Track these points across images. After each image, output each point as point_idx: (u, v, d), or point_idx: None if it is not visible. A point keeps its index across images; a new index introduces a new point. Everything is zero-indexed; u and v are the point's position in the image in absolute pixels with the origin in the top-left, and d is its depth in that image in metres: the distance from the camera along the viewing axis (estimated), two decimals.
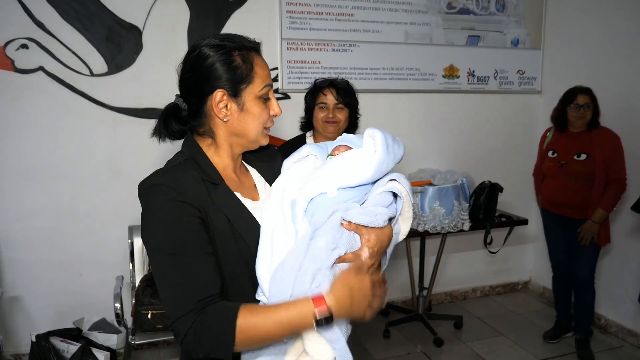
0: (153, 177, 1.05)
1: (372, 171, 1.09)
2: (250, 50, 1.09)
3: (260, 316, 0.95)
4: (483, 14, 3.55)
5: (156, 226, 1.00)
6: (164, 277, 0.99)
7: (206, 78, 1.06)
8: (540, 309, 3.79)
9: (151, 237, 1.01)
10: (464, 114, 3.66)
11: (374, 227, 1.08)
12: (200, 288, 0.97)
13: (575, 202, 2.97)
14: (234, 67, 1.06)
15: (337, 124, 2.23)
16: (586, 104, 2.89)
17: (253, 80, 1.07)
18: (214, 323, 0.95)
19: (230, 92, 1.06)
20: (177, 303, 0.96)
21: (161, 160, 3.24)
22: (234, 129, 1.10)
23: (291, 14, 3.10)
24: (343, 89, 2.27)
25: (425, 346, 3.22)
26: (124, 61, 2.89)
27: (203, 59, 1.06)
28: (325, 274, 1.01)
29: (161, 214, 1.00)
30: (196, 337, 0.94)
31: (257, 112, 1.09)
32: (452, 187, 3.05)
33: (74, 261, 2.96)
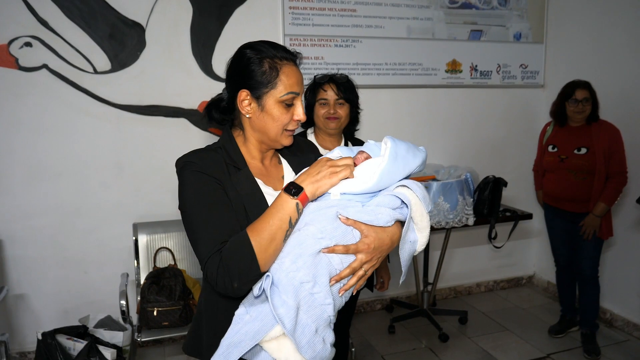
0: (185, 156, 1.22)
1: (374, 180, 1.14)
2: (283, 59, 1.20)
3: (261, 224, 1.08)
4: (485, 8, 3.54)
5: (186, 191, 1.16)
6: (193, 229, 1.13)
7: (237, 77, 1.22)
8: (545, 303, 3.79)
9: (182, 201, 1.17)
10: (466, 108, 3.66)
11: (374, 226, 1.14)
12: (224, 232, 1.11)
13: (576, 196, 2.97)
14: (261, 72, 1.18)
15: (338, 119, 2.22)
16: (585, 99, 2.89)
17: (276, 86, 1.18)
18: (234, 250, 1.06)
19: (253, 94, 1.20)
20: (205, 247, 1.10)
21: (165, 157, 3.26)
22: (255, 126, 1.24)
23: (293, 10, 3.10)
24: (343, 84, 2.26)
25: (431, 341, 3.21)
26: (127, 58, 2.89)
27: (240, 59, 1.22)
28: (305, 260, 1.07)
29: (189, 183, 1.17)
30: (225, 270, 1.06)
31: (277, 115, 1.20)
32: (456, 182, 3.05)
33: (79, 259, 2.96)
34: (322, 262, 1.09)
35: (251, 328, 1.06)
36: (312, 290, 1.08)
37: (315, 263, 1.08)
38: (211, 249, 1.09)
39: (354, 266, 1.14)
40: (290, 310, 1.03)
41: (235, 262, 1.05)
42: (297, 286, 1.06)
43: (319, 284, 1.08)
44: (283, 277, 1.06)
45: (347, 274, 1.14)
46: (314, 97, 2.27)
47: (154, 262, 2.95)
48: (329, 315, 1.10)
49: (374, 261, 1.18)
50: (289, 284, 1.05)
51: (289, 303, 1.04)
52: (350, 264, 1.14)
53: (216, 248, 1.08)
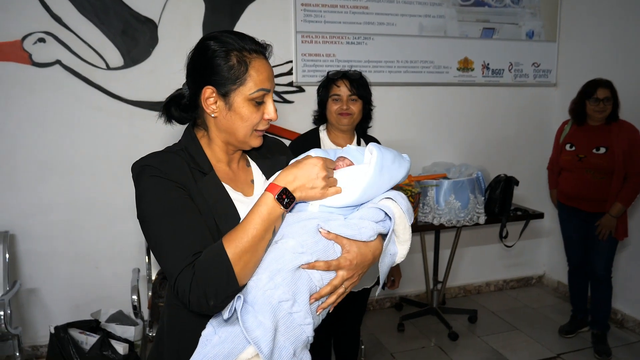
0: (143, 159, 1.09)
1: (357, 195, 1.06)
2: (252, 53, 1.08)
3: (240, 233, 0.96)
4: (498, 6, 3.52)
5: (146, 200, 1.04)
6: (158, 241, 1.00)
7: (201, 72, 1.08)
8: (555, 303, 3.77)
9: (142, 210, 1.04)
10: (478, 107, 3.64)
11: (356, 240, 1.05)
12: (194, 242, 0.99)
13: (593, 196, 2.95)
14: (228, 67, 1.06)
15: (351, 116, 2.21)
16: (606, 98, 2.85)
17: (245, 83, 1.07)
18: (209, 264, 0.95)
19: (219, 91, 1.07)
20: (174, 260, 0.97)
21: None
22: (222, 126, 1.11)
23: (305, 6, 3.09)
24: (356, 80, 2.24)
25: (440, 340, 3.21)
26: (139, 55, 2.90)
27: (203, 52, 1.09)
28: (284, 277, 0.97)
29: (149, 189, 1.04)
30: (199, 285, 0.93)
31: (246, 114, 1.09)
32: (467, 181, 3.04)
33: (91, 254, 2.98)
34: (302, 278, 1.00)
35: (220, 351, 0.95)
36: (292, 309, 0.97)
37: (294, 280, 0.99)
38: (181, 262, 0.95)
39: (334, 284, 1.04)
40: (267, 332, 0.92)
41: (210, 277, 0.93)
42: (275, 305, 0.95)
43: (299, 302, 0.99)
44: (259, 295, 0.95)
45: (328, 291, 1.04)
46: (327, 93, 2.26)
47: None
48: (307, 336, 1.00)
49: (355, 277, 1.09)
50: (265, 302, 0.94)
51: (265, 324, 0.93)
52: (331, 280, 1.04)
53: (187, 261, 0.95)
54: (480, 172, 3.16)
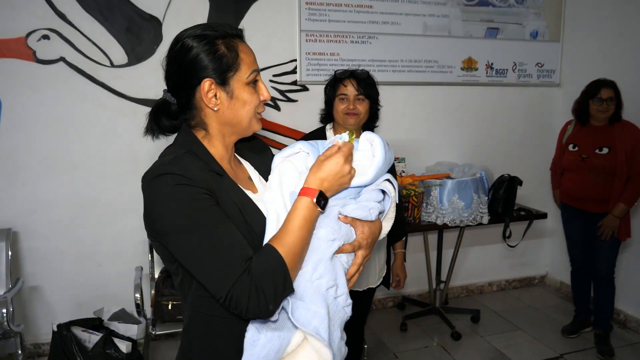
0: (157, 168, 1.01)
1: (371, 176, 1.14)
2: (234, 38, 1.08)
3: (288, 238, 0.99)
4: (502, 5, 3.52)
5: (172, 211, 0.97)
6: (198, 254, 0.96)
7: (192, 70, 1.05)
8: (557, 303, 3.77)
9: (168, 223, 0.98)
10: (482, 106, 3.64)
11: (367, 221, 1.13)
12: (241, 250, 0.97)
13: (596, 196, 2.95)
14: (219, 56, 1.04)
15: (357, 115, 2.20)
16: (610, 98, 2.85)
17: (240, 67, 1.07)
18: (267, 269, 0.95)
19: (217, 81, 1.05)
20: (226, 272, 0.94)
21: None
22: (225, 117, 1.09)
23: (310, 5, 3.09)
24: (364, 79, 2.24)
25: (443, 340, 3.21)
26: (144, 52, 2.90)
27: (187, 50, 1.05)
28: (326, 266, 1.03)
29: (174, 199, 0.97)
30: (258, 292, 0.93)
31: (247, 98, 1.09)
32: (471, 180, 3.04)
33: (93, 252, 2.97)
34: (337, 263, 1.07)
35: (271, 349, 0.99)
36: (336, 294, 1.04)
37: (333, 266, 1.05)
38: (235, 272, 0.93)
39: (358, 262, 1.12)
40: (323, 320, 0.99)
41: (269, 283, 0.94)
42: (324, 293, 1.01)
43: (340, 286, 1.05)
44: (309, 287, 1.01)
45: (354, 271, 1.11)
46: (334, 92, 2.25)
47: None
48: (348, 316, 1.07)
49: (369, 255, 1.16)
50: (316, 293, 1.00)
51: (320, 313, 0.99)
52: (354, 260, 1.12)
53: (241, 269, 0.94)
54: (484, 172, 3.16)
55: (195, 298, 1.05)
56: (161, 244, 1.03)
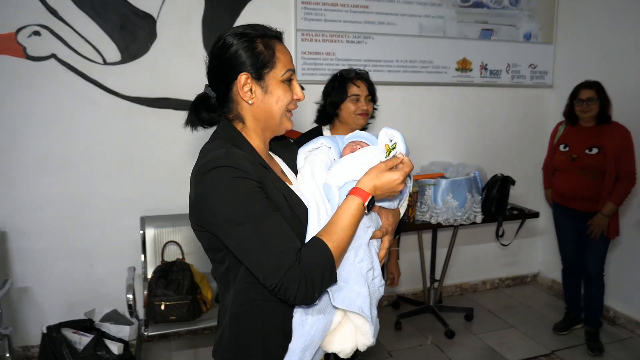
0: (212, 161, 1.07)
1: None
2: (273, 38, 1.16)
3: (337, 233, 1.07)
4: (496, 7, 3.55)
5: (227, 202, 1.04)
6: (252, 245, 1.03)
7: (231, 64, 1.13)
8: (549, 301, 3.83)
9: (223, 214, 1.04)
10: (476, 107, 3.67)
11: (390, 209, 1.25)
12: (291, 241, 1.04)
13: (586, 196, 2.99)
14: (257, 53, 1.12)
15: (367, 115, 2.23)
16: (589, 99, 2.91)
17: (275, 65, 1.13)
18: (317, 262, 1.03)
19: (254, 76, 1.12)
20: (279, 261, 1.01)
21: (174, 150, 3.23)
22: (260, 111, 1.16)
23: (306, 5, 3.08)
24: (369, 80, 2.26)
25: (437, 338, 3.23)
26: (137, 50, 2.86)
27: (227, 46, 1.13)
28: (364, 250, 1.14)
29: (230, 191, 1.04)
30: (307, 282, 1.01)
31: (281, 95, 1.15)
32: (465, 180, 3.06)
33: (85, 252, 2.93)
34: (372, 248, 1.17)
35: (318, 327, 1.10)
36: (373, 275, 1.16)
37: (369, 251, 1.16)
38: (287, 261, 1.01)
39: (386, 246, 1.22)
40: (366, 299, 1.10)
41: (319, 274, 1.03)
42: (365, 275, 1.12)
43: (376, 268, 1.16)
44: (352, 271, 1.11)
45: (384, 254, 1.22)
46: (345, 93, 2.20)
47: (162, 256, 2.92)
48: (381, 295, 1.19)
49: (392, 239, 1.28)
50: (359, 275, 1.11)
51: (363, 293, 1.10)
52: (382, 245, 1.22)
53: (292, 259, 1.01)
54: (478, 172, 3.18)
55: (245, 285, 1.13)
56: (211, 233, 1.09)
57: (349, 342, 1.15)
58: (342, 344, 1.15)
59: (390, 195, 1.15)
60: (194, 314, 2.70)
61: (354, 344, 1.16)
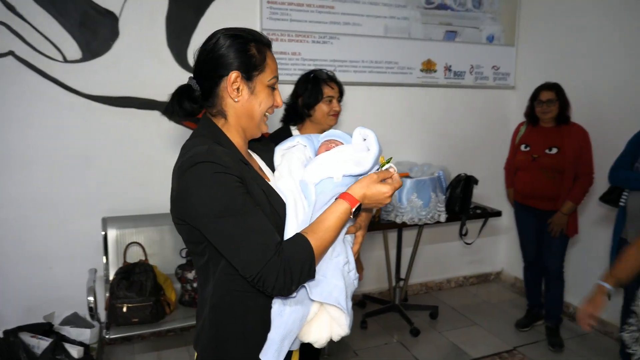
0: (194, 157, 1.10)
1: (369, 166, 1.24)
2: (264, 45, 1.22)
3: (322, 232, 1.12)
4: (460, 10, 3.61)
5: (210, 196, 1.08)
6: (233, 238, 1.07)
7: (223, 61, 1.17)
8: (512, 298, 3.91)
9: (206, 208, 1.08)
10: (440, 107, 3.73)
11: None
12: (271, 235, 1.08)
13: (546, 194, 3.07)
14: (250, 55, 1.17)
15: (338, 116, 2.30)
16: (549, 100, 3.00)
17: (265, 70, 1.19)
18: (296, 255, 1.08)
19: (244, 75, 1.18)
20: (259, 253, 1.05)
21: (138, 149, 3.16)
22: (243, 110, 1.20)
23: (271, 4, 3.08)
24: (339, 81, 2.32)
25: (402, 336, 3.26)
26: (99, 48, 2.81)
27: (222, 44, 1.18)
28: (340, 245, 1.22)
29: (212, 185, 1.08)
30: (286, 274, 1.06)
31: (264, 98, 1.21)
32: (429, 180, 3.10)
33: (44, 254, 2.85)
34: (347, 243, 1.24)
35: (295, 317, 1.15)
36: (349, 269, 1.22)
37: (344, 245, 1.23)
38: (267, 253, 1.05)
39: (360, 241, 1.29)
40: (342, 291, 1.17)
41: (298, 269, 1.07)
42: (342, 269, 1.19)
43: (350, 262, 1.22)
44: (331, 264, 1.17)
45: (357, 249, 1.28)
46: (321, 94, 2.22)
47: (124, 257, 2.87)
48: (356, 287, 1.25)
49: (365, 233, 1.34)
50: (336, 269, 1.18)
51: (340, 285, 1.16)
52: (355, 240, 1.29)
53: (272, 252, 1.06)
54: (442, 172, 3.23)
55: (225, 276, 1.16)
56: (193, 226, 1.12)
57: (324, 332, 1.20)
58: (318, 334, 1.19)
59: (377, 206, 1.22)
60: (157, 316, 2.67)
61: (329, 334, 1.21)
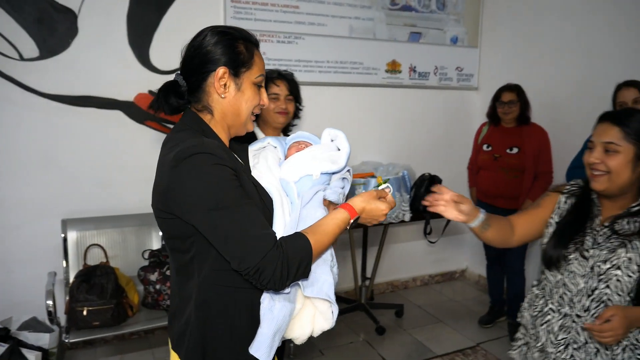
0: (190, 148, 1.09)
1: (343, 164, 1.32)
2: (252, 43, 1.23)
3: (323, 235, 1.15)
4: (424, 11, 3.66)
5: (206, 188, 1.07)
6: (231, 230, 1.06)
7: (211, 57, 1.18)
8: (476, 295, 3.98)
9: (202, 199, 1.07)
10: (405, 108, 3.77)
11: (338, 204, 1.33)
12: (266, 227, 1.09)
13: (508, 193, 3.14)
14: (238, 52, 1.18)
15: (287, 114, 2.27)
16: (510, 101, 3.07)
17: (252, 67, 1.20)
18: (297, 251, 1.09)
19: (231, 72, 1.18)
20: (258, 245, 1.06)
21: (98, 150, 3.10)
22: (230, 107, 1.21)
23: (235, 3, 3.06)
24: (291, 81, 2.31)
25: (368, 335, 3.29)
26: (57, 45, 2.74)
27: (210, 40, 1.19)
28: None
29: (210, 176, 1.07)
30: (283, 269, 1.06)
31: (250, 96, 1.21)
32: (393, 179, 3.13)
33: (2, 257, 2.78)
34: None
35: (285, 312, 1.17)
36: (332, 264, 1.27)
37: None
38: (267, 245, 1.06)
39: None
40: (332, 285, 1.23)
41: (296, 265, 1.08)
42: (329, 264, 1.24)
43: (334, 257, 1.28)
44: (319, 260, 1.22)
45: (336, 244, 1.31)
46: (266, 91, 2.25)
47: (84, 259, 2.82)
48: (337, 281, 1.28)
49: None
50: (325, 264, 1.23)
51: (329, 280, 1.23)
52: None
53: (271, 244, 1.06)
54: (406, 171, 3.27)
55: (212, 272, 1.16)
56: (183, 220, 1.11)
57: (307, 328, 1.24)
58: (300, 330, 1.24)
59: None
60: (119, 319, 2.62)
61: (311, 330, 1.25)
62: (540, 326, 1.54)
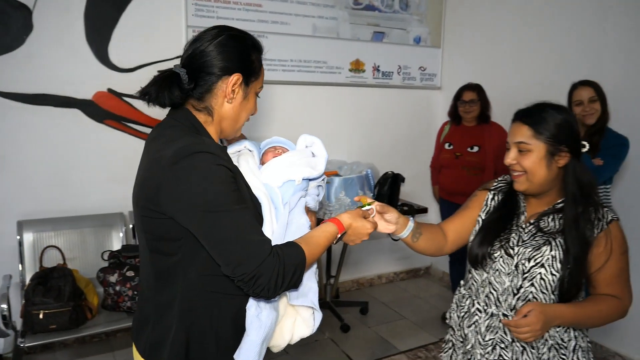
0: (191, 146, 1.05)
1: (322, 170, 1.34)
2: (260, 53, 1.23)
3: (312, 245, 1.14)
4: (387, 11, 3.69)
5: (206, 188, 1.03)
6: (229, 233, 1.02)
7: (226, 60, 1.14)
8: (440, 292, 4.05)
9: (200, 200, 1.02)
10: (369, 107, 3.80)
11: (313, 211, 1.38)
12: (263, 233, 1.09)
13: (469, 191, 3.13)
14: (251, 61, 1.18)
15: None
16: (471, 100, 3.14)
17: (259, 78, 1.21)
18: (292, 259, 1.07)
19: (244, 80, 1.17)
20: (256, 251, 1.03)
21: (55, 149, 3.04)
22: (232, 113, 1.18)
23: (197, 1, 3.03)
24: None
25: (333, 332, 3.31)
26: (11, 42, 2.67)
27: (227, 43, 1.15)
28: None
29: (212, 177, 1.04)
30: (279, 276, 1.04)
31: (252, 106, 1.23)
32: (357, 178, 3.16)
33: None
34: None
35: (272, 319, 1.17)
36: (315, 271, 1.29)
37: None
38: (264, 250, 1.03)
39: None
40: (316, 293, 1.26)
41: (290, 273, 1.07)
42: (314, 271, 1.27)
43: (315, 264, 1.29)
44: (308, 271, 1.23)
45: None
46: None
47: (41, 262, 2.75)
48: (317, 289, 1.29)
49: None
50: (312, 273, 1.26)
51: (314, 287, 1.25)
52: None
53: (268, 249, 1.04)
54: (370, 170, 3.30)
55: (199, 277, 1.12)
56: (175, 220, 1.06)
57: (286, 335, 1.26)
58: (280, 339, 1.25)
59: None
60: (77, 322, 2.57)
61: (290, 338, 1.27)
62: (467, 327, 1.49)
